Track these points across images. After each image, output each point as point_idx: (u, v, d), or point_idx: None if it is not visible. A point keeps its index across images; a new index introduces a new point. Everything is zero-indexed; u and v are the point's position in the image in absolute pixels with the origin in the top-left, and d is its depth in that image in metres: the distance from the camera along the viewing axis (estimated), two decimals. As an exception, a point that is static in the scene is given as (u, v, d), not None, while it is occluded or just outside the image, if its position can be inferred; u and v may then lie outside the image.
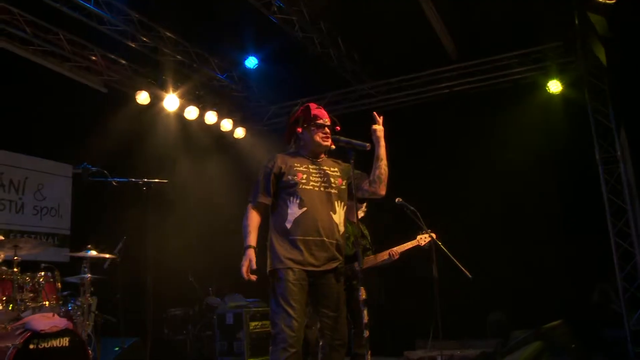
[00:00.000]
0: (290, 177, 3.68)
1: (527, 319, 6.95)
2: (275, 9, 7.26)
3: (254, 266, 3.54)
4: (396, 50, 8.19)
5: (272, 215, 3.75)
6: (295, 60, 8.54)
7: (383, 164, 3.84)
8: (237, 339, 6.84)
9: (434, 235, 5.66)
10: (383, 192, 3.86)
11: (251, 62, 8.68)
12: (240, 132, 9.88)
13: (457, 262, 5.55)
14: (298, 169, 3.72)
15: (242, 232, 3.69)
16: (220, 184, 9.42)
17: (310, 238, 3.60)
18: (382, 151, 3.86)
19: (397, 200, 5.78)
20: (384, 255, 5.51)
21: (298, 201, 3.64)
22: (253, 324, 6.84)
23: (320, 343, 3.70)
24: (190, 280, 8.29)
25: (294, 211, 3.63)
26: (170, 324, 8.03)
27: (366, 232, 5.66)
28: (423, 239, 5.64)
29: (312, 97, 9.43)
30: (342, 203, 3.81)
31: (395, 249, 5.50)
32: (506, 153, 8.13)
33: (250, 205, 3.75)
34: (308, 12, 7.55)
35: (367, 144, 3.67)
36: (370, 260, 5.63)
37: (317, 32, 7.89)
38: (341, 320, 3.65)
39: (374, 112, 3.98)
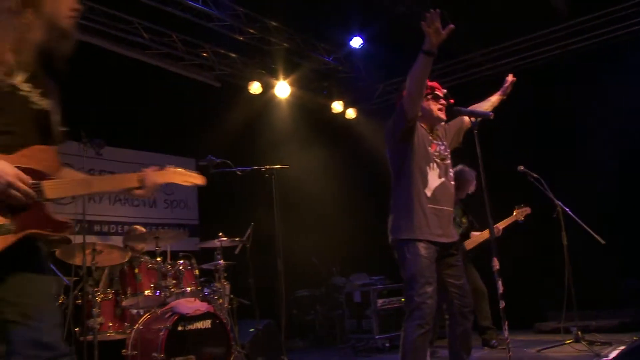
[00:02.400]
0: (427, 145, 3.67)
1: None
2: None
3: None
4: (503, 14, 7.85)
5: (404, 179, 3.64)
6: (400, 36, 8.44)
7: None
8: (366, 317, 6.94)
9: (528, 210, 5.68)
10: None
11: (356, 42, 8.68)
12: (351, 113, 9.98)
13: (588, 228, 5.34)
14: (430, 139, 3.73)
15: (412, 80, 3.47)
16: (335, 165, 9.55)
17: (446, 208, 3.65)
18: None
19: (519, 168, 5.68)
20: (486, 234, 5.54)
21: (438, 171, 3.65)
22: (380, 301, 6.91)
23: (447, 316, 3.70)
24: (314, 261, 8.49)
25: (434, 179, 3.63)
26: (298, 304, 8.31)
27: (460, 212, 5.76)
28: (521, 213, 5.66)
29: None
30: (452, 171, 3.85)
31: (497, 225, 5.60)
32: (630, 111, 7.62)
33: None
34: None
35: (491, 113, 3.62)
36: (477, 238, 5.69)
37: (420, 4, 7.76)
38: (466, 287, 3.66)
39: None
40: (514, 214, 5.80)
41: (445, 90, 3.83)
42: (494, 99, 4.25)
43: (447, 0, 7.94)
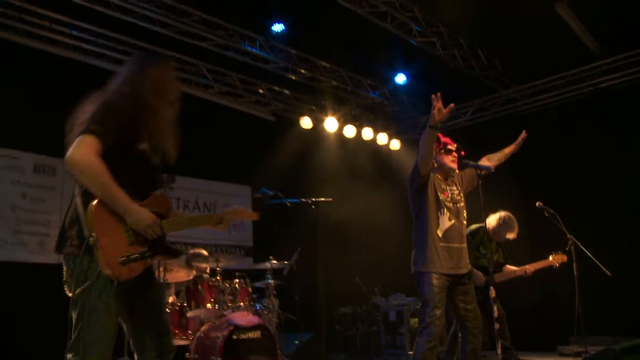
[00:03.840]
0: (440, 193, 4.41)
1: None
2: (416, 33, 7.97)
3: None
4: (537, 52, 8.40)
5: (421, 221, 4.42)
6: (440, 73, 9.08)
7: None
8: (399, 334, 7.59)
9: (564, 258, 6.01)
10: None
11: (400, 78, 9.43)
12: (395, 144, 10.63)
13: (597, 261, 5.85)
14: (443, 187, 4.46)
15: (422, 147, 4.17)
16: (380, 194, 10.24)
17: (456, 245, 4.37)
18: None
19: (537, 204, 6.20)
20: (520, 271, 6.02)
21: (448, 215, 4.38)
22: (413, 320, 7.54)
23: (460, 334, 4.42)
24: (357, 282, 9.20)
25: (444, 222, 4.37)
26: (341, 320, 9.00)
27: (494, 247, 6.10)
28: (556, 259, 6.03)
29: (459, 105, 9.92)
30: (466, 212, 4.54)
31: (530, 266, 5.99)
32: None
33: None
34: (446, 31, 8.14)
35: (492, 166, 4.34)
36: (508, 273, 6.07)
37: (457, 47, 8.43)
38: (477, 311, 4.35)
39: None
40: (550, 259, 6.05)
41: (456, 145, 4.56)
42: (508, 150, 4.91)
43: (482, 42, 8.64)
